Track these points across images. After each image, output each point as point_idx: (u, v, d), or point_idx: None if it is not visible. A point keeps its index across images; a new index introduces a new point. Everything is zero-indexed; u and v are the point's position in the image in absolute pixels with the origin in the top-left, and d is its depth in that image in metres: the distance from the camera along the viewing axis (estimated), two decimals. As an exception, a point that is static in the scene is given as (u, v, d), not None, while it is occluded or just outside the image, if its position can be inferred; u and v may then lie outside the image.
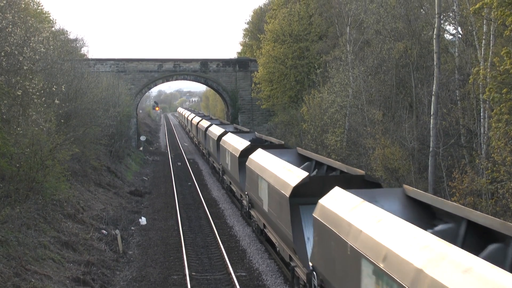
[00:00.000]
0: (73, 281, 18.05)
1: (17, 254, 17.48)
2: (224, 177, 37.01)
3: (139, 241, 25.56)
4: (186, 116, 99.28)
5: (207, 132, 50.20)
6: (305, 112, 42.70)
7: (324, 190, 14.39)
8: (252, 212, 25.15)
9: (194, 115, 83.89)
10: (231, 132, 39.59)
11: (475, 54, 27.48)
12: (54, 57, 29.39)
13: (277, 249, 20.01)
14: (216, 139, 40.85)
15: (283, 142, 31.10)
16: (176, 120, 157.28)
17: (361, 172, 16.90)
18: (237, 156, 29.32)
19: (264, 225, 22.39)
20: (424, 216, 12.07)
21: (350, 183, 15.85)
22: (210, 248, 24.14)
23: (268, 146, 28.20)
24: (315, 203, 14.23)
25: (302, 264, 16.07)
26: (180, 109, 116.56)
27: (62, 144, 26.23)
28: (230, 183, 33.91)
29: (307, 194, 16.46)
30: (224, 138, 36.89)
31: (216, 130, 44.02)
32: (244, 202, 27.11)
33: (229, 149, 32.79)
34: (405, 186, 13.26)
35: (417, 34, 33.77)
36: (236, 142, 32.00)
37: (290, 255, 17.89)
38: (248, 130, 46.08)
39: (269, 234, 21.51)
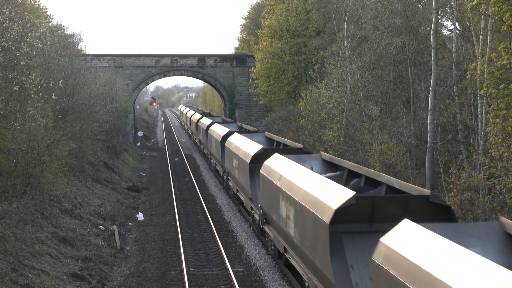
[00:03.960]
0: (71, 277, 18.05)
1: (15, 249, 17.48)
2: (211, 160, 44.12)
3: (136, 237, 25.57)
4: (184, 112, 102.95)
5: (198, 124, 56.22)
6: (302, 108, 42.71)
7: None
8: (230, 183, 32.21)
9: (189, 109, 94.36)
10: (218, 122, 46.16)
11: (472, 49, 27.49)
12: (51, 53, 29.32)
13: (244, 204, 25.95)
14: (205, 128, 47.02)
15: (256, 129, 39.95)
16: (177, 119, 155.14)
17: (300, 145, 24.63)
18: (219, 140, 35.86)
19: (237, 190, 29.29)
20: (332, 169, 19.10)
21: (292, 153, 21.89)
22: (208, 244, 24.16)
23: (243, 132, 35.72)
24: None
25: (256, 209, 22.73)
26: (182, 107, 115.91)
27: (59, 139, 26.20)
28: (216, 164, 40.88)
29: (261, 160, 21.58)
30: (211, 127, 43.18)
31: (205, 121, 50.20)
32: (225, 177, 34.16)
33: (214, 135, 39.61)
34: (321, 152, 20.13)
35: (414, 29, 33.76)
36: (219, 130, 38.61)
37: (251, 206, 24.57)
38: (232, 121, 54.57)
39: (239, 195, 28.60)
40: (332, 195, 13.34)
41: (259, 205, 21.82)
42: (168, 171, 45.92)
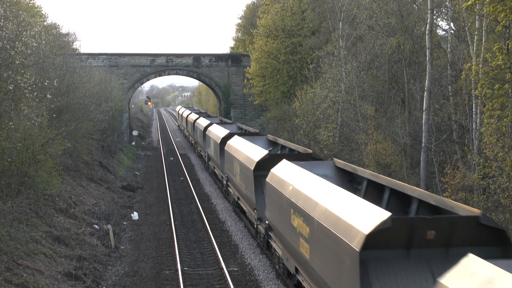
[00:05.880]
0: (65, 276, 18.02)
1: (9, 248, 17.44)
2: (196, 146, 55.47)
3: (131, 236, 25.54)
4: (184, 115, 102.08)
5: (187, 119, 65.82)
6: (297, 108, 42.69)
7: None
8: (210, 163, 41.78)
9: (180, 106, 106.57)
10: (203, 117, 56.09)
11: (467, 49, 27.54)
12: (46, 52, 29.25)
13: (216, 172, 34.06)
14: (192, 122, 56.62)
15: (231, 121, 52.23)
16: (172, 119, 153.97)
17: (256, 131, 34.70)
18: (202, 130, 45.94)
19: (214, 166, 39.18)
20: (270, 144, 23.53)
21: (253, 136, 29.32)
22: (202, 243, 24.15)
23: (221, 123, 46.90)
24: None
25: (221, 173, 34.02)
26: (181, 109, 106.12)
27: (54, 138, 26.15)
28: (200, 150, 51.12)
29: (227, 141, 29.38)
30: (197, 121, 52.77)
31: (193, 116, 60.34)
32: (205, 158, 44.76)
33: (199, 127, 49.52)
34: (268, 135, 25.96)
35: (409, 29, 33.79)
36: (203, 122, 48.68)
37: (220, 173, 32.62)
38: (216, 116, 64.86)
39: (214, 169, 38.51)
40: None
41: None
42: (163, 171, 45.89)
